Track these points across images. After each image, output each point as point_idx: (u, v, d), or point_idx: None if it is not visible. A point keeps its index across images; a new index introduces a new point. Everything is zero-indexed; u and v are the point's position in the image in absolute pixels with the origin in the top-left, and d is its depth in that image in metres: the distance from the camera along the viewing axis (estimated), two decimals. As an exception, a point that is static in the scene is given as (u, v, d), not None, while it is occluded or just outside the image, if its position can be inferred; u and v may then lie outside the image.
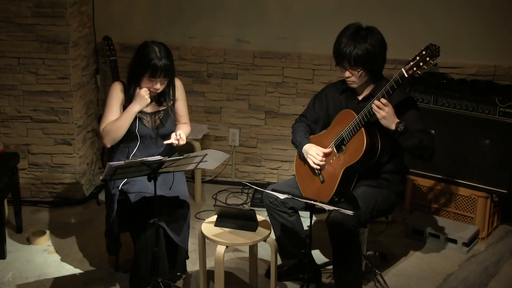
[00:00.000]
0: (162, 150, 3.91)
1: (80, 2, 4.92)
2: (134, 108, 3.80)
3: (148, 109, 3.89)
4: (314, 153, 3.74)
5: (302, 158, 3.84)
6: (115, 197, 3.76)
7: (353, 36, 3.57)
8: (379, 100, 3.47)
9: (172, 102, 3.94)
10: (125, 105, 3.86)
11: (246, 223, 3.71)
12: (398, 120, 3.50)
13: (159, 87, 3.79)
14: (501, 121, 4.35)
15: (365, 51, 3.54)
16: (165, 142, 3.85)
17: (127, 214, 3.84)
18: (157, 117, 3.92)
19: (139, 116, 3.85)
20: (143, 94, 3.78)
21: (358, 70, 3.61)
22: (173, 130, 3.91)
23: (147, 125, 3.89)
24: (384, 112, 3.47)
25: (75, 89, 4.85)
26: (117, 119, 3.82)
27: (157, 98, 3.90)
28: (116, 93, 3.87)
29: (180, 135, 3.81)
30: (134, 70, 3.82)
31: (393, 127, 3.49)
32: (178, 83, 3.99)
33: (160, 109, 3.93)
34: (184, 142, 3.83)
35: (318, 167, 3.74)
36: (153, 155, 3.72)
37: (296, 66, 5.09)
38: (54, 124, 4.87)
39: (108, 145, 3.87)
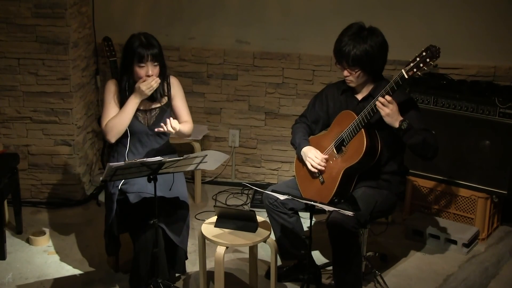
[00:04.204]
0: (160, 147, 3.90)
1: (80, 2, 4.92)
2: (135, 99, 3.80)
3: (143, 106, 3.89)
4: (312, 156, 3.74)
5: (301, 160, 3.84)
6: (114, 197, 3.76)
7: (354, 36, 3.57)
8: (383, 97, 3.47)
9: (166, 98, 3.94)
10: (119, 99, 3.87)
11: (246, 224, 3.71)
12: (401, 118, 3.49)
13: (151, 73, 3.79)
14: (501, 122, 4.35)
15: (363, 52, 3.54)
16: (157, 129, 3.81)
17: (126, 214, 3.84)
18: (152, 114, 3.92)
19: (135, 113, 3.86)
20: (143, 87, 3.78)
21: (356, 70, 3.61)
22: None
23: (142, 121, 3.89)
24: (389, 109, 3.47)
25: (75, 90, 4.85)
26: (118, 112, 3.83)
27: (151, 95, 3.88)
28: (111, 89, 3.89)
29: (170, 121, 3.73)
30: (124, 61, 3.85)
31: (396, 125, 3.49)
32: (173, 80, 3.98)
33: (154, 106, 3.93)
34: (177, 129, 3.75)
35: (316, 170, 3.74)
36: (152, 153, 3.71)
37: (296, 67, 5.08)
38: (54, 125, 4.87)
39: (113, 140, 3.85)
